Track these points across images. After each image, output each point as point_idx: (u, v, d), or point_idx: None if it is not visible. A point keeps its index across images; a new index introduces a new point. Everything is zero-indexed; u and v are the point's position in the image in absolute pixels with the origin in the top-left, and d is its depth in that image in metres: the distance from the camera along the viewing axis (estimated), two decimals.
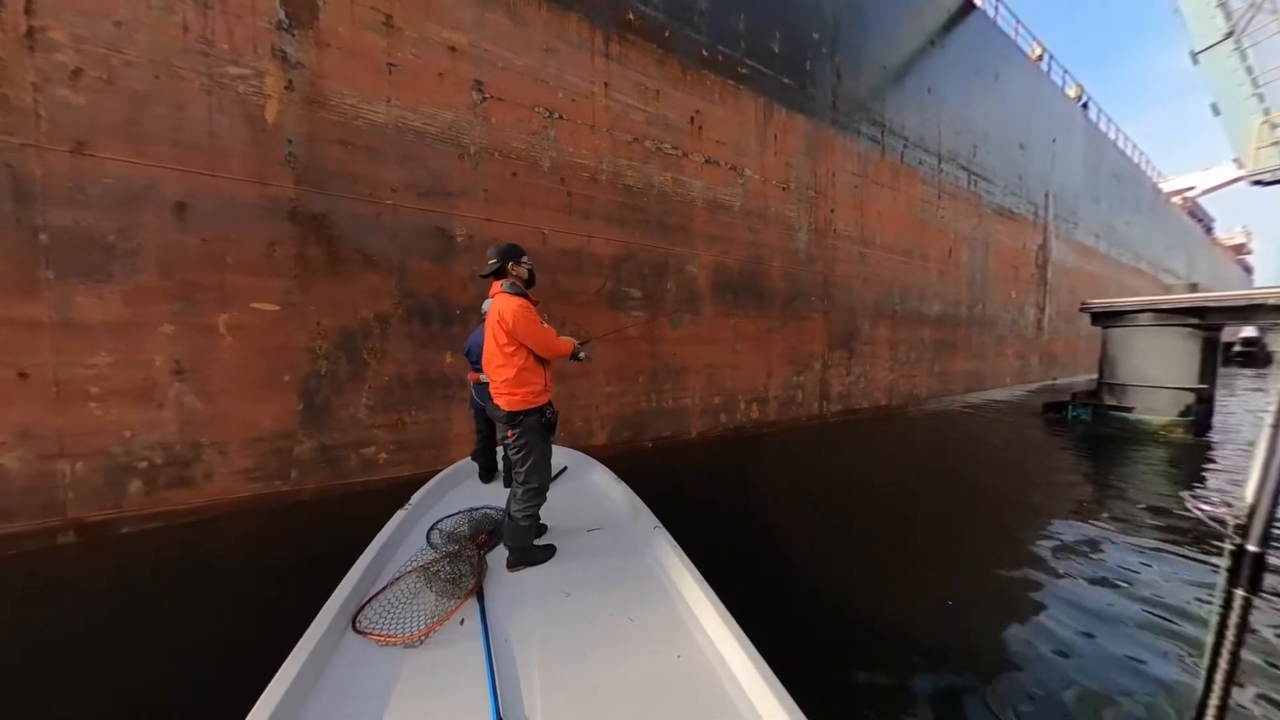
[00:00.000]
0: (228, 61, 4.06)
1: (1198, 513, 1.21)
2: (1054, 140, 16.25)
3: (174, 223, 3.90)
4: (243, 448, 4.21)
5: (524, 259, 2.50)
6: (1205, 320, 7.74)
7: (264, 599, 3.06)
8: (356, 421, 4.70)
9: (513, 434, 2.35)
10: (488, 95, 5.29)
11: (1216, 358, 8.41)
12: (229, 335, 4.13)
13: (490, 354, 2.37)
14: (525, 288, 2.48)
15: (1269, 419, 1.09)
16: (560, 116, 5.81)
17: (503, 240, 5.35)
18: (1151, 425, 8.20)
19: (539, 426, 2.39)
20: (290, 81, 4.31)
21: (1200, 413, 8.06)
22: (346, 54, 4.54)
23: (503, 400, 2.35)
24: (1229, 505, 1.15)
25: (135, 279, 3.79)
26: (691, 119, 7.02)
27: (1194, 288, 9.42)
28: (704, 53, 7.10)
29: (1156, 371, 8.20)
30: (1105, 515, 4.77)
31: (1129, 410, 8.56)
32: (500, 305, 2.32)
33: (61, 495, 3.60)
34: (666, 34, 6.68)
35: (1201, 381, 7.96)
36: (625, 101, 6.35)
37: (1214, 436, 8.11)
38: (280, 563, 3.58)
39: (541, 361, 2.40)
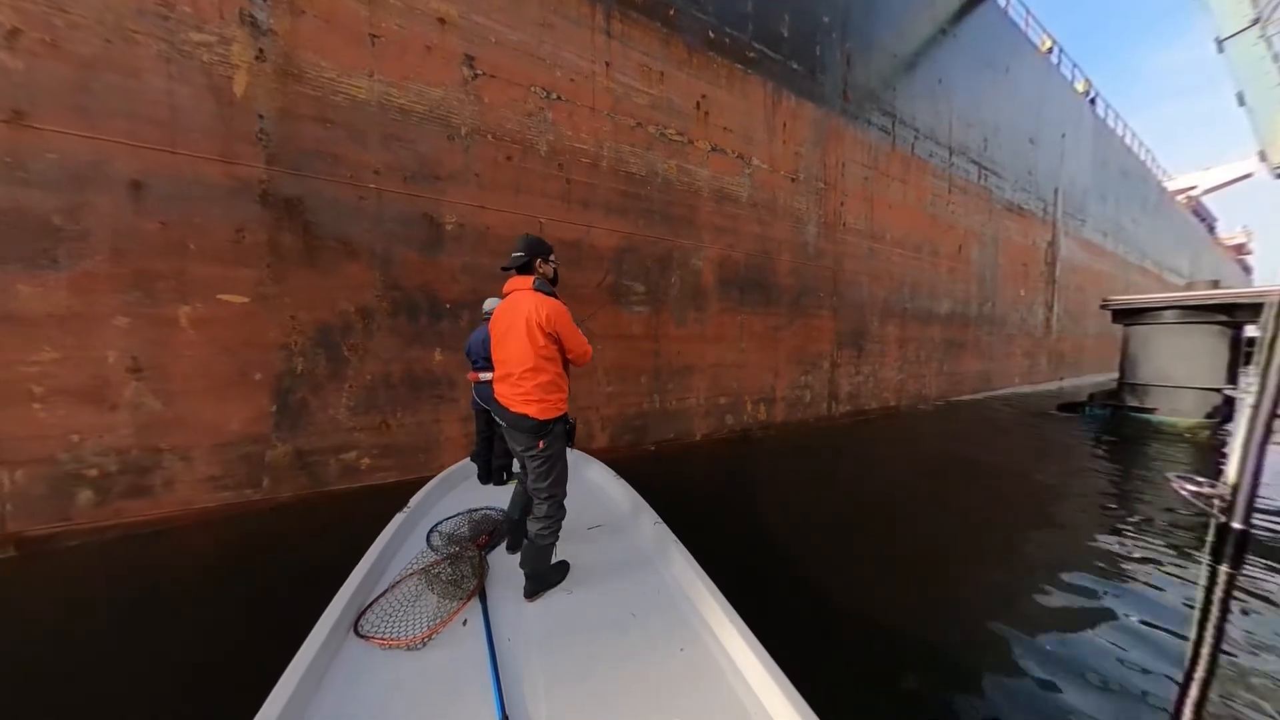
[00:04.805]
0: (190, 27, 3.67)
1: (1183, 492, 1.23)
2: (1063, 135, 15.92)
3: (128, 204, 3.52)
4: (208, 453, 3.83)
5: (551, 256, 2.33)
6: (1233, 318, 7.40)
7: (230, 622, 2.74)
8: (336, 424, 4.32)
9: (543, 444, 2.13)
10: (480, 72, 4.91)
11: (1240, 357, 8.08)
12: (192, 329, 3.74)
13: (521, 356, 2.09)
14: (551, 286, 2.28)
15: (1248, 400, 1.13)
16: (558, 97, 5.43)
17: (497, 230, 5.04)
18: (1177, 427, 7.85)
19: (564, 435, 2.25)
20: (261, 51, 3.92)
21: (1226, 414, 7.72)
22: (324, 22, 4.15)
23: (534, 408, 2.11)
24: (1213, 485, 1.18)
25: (84, 266, 3.40)
26: (697, 104, 6.65)
27: (1215, 284, 9.07)
28: (710, 34, 6.73)
29: (1182, 371, 7.86)
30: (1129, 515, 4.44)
31: (1151, 411, 8.23)
32: (535, 302, 2.09)
33: None
34: (671, 12, 6.30)
35: (1229, 382, 7.62)
36: (627, 83, 5.98)
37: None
38: (250, 581, 3.22)
39: (567, 365, 2.27)
